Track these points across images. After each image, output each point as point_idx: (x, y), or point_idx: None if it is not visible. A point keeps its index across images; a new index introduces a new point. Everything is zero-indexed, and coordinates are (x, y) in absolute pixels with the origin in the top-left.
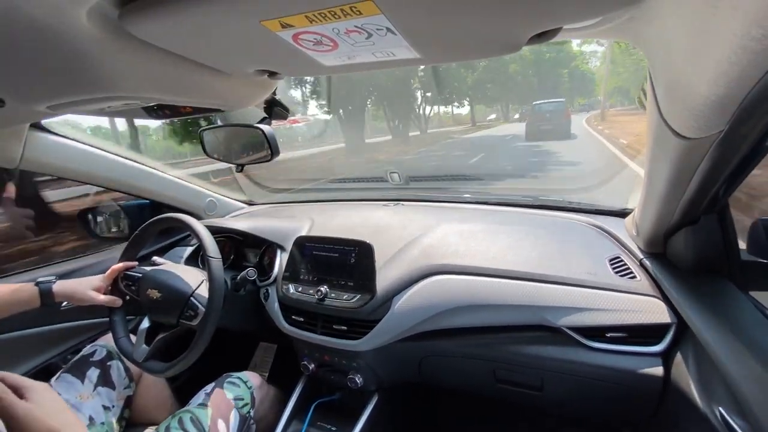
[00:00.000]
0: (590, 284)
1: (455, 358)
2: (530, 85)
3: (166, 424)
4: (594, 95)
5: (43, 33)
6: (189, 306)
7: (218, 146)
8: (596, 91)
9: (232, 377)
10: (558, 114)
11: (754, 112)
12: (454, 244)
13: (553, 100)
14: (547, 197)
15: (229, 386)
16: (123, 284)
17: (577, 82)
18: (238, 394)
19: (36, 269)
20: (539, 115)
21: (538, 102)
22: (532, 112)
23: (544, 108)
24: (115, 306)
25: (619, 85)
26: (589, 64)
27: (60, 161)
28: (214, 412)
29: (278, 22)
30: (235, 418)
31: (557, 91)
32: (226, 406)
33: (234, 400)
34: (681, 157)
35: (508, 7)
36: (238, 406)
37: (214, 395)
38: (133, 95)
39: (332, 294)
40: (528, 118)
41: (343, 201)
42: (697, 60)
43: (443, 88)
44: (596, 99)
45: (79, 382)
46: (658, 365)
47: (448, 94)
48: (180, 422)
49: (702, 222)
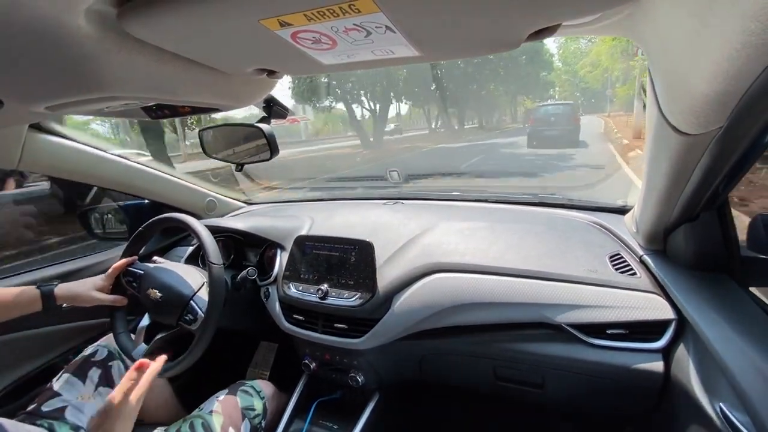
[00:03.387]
0: (590, 281)
1: (456, 356)
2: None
3: (176, 427)
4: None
5: (40, 33)
6: (188, 310)
7: (218, 146)
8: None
9: (246, 385)
10: (565, 118)
11: (754, 108)
12: (455, 242)
13: (560, 102)
14: (548, 195)
15: (242, 395)
16: (124, 280)
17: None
18: (250, 403)
19: (37, 270)
20: (543, 119)
21: (542, 104)
22: (535, 116)
23: (550, 111)
24: (120, 305)
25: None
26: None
27: (59, 162)
28: (226, 421)
29: (277, 21)
30: (245, 428)
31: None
32: (237, 415)
33: (246, 409)
34: (681, 153)
35: (507, 4)
36: (249, 417)
37: (226, 403)
38: (132, 95)
39: (333, 293)
40: (531, 122)
41: (343, 200)
42: (696, 56)
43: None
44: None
45: (80, 383)
46: (659, 361)
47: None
48: (191, 426)
49: (702, 218)
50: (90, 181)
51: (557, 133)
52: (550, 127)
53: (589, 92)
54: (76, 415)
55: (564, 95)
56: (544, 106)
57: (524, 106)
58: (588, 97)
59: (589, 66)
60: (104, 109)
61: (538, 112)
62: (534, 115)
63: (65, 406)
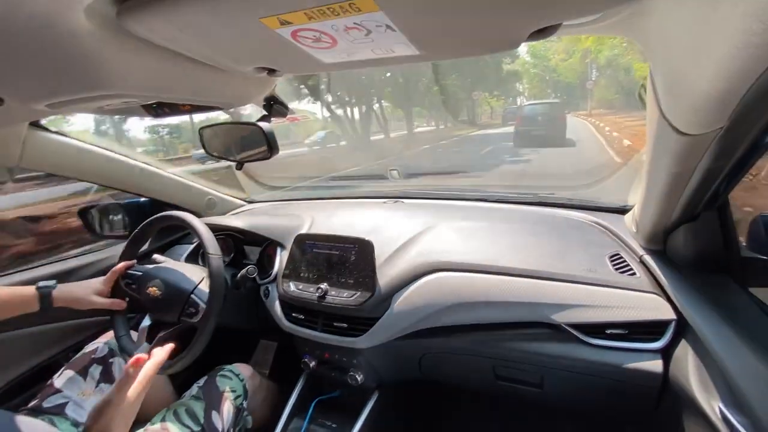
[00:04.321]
0: (590, 281)
1: (455, 355)
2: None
3: (161, 416)
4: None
5: (41, 31)
6: (190, 303)
7: (217, 144)
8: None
9: (224, 370)
10: (552, 117)
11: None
12: (454, 242)
13: (546, 101)
14: (547, 194)
15: (221, 379)
16: (123, 283)
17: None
18: (230, 386)
19: (34, 268)
20: (530, 118)
21: (528, 103)
22: (521, 114)
23: (537, 110)
24: (118, 308)
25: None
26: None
27: (59, 159)
28: (208, 405)
29: (277, 19)
30: (228, 410)
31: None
32: (219, 398)
33: (227, 392)
34: (681, 153)
35: (508, 4)
36: (231, 398)
37: (207, 388)
38: (132, 93)
39: (332, 291)
40: (517, 121)
41: (343, 198)
42: (697, 56)
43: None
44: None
45: (81, 379)
46: (658, 361)
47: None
48: (176, 414)
49: (702, 218)
50: (90, 179)
51: (545, 132)
52: (537, 126)
53: (562, 87)
54: (77, 411)
55: (534, 92)
56: (530, 105)
57: (489, 104)
58: (562, 93)
59: (562, 53)
60: (104, 107)
61: (524, 111)
62: (520, 114)
63: (66, 402)
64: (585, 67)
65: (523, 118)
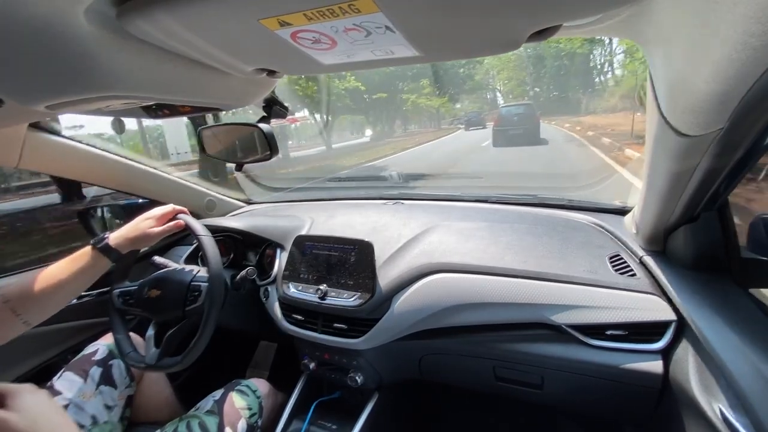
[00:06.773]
0: (590, 282)
1: (455, 356)
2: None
3: (173, 427)
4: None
5: (40, 32)
6: (192, 289)
7: (217, 145)
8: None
9: (241, 385)
10: (527, 117)
11: (755, 109)
12: (454, 243)
13: (520, 102)
14: (547, 195)
15: (238, 394)
16: (120, 301)
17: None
18: (246, 402)
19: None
20: (507, 118)
21: (505, 105)
22: (499, 116)
23: (513, 111)
24: (179, 229)
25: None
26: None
27: (59, 160)
28: (222, 420)
29: (276, 21)
30: (242, 428)
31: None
32: (234, 415)
33: (242, 409)
34: (681, 154)
35: (508, 5)
36: (246, 416)
37: (222, 402)
38: (132, 94)
39: (332, 293)
40: (495, 122)
41: (343, 200)
42: (697, 57)
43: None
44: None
45: (81, 381)
46: (658, 362)
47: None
48: (188, 426)
49: (702, 219)
50: (89, 180)
51: (521, 132)
52: (515, 126)
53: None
54: (78, 413)
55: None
56: (506, 106)
57: (429, 109)
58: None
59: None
60: (104, 108)
61: (501, 112)
62: (498, 114)
63: (66, 404)
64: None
65: (501, 118)
